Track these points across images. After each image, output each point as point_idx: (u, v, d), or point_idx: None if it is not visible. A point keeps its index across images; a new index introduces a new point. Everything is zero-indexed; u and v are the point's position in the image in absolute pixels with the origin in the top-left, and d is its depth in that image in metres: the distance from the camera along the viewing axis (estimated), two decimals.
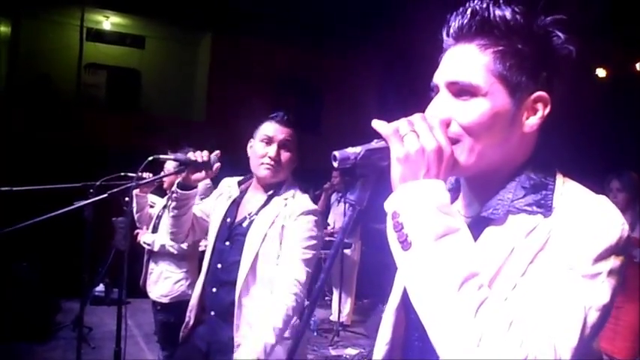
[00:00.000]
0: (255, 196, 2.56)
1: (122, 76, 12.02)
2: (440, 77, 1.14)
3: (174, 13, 10.81)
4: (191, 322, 2.54)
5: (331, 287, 7.67)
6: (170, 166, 4.40)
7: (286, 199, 2.46)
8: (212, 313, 2.47)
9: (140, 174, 2.62)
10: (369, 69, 12.29)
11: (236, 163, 2.84)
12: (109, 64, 12.11)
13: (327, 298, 8.29)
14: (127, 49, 12.28)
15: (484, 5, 1.09)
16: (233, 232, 2.49)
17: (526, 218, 1.06)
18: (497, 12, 1.08)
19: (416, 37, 9.71)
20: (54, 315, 6.19)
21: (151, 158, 2.39)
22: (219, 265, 2.48)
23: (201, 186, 3.06)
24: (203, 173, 2.49)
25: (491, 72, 1.08)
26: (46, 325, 5.95)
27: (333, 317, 6.73)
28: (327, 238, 7.05)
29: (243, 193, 2.62)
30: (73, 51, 10.91)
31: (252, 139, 2.57)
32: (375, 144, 1.11)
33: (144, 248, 4.43)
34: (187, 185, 2.48)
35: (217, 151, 2.54)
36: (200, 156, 2.43)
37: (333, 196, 7.51)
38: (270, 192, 2.50)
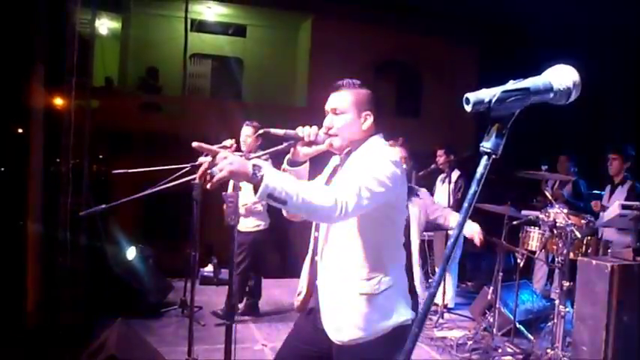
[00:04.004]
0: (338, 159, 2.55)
1: (226, 65, 12.36)
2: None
3: (274, 0, 10.96)
4: (304, 292, 2.59)
5: (434, 268, 7.56)
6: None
7: (365, 148, 2.40)
8: (317, 282, 2.52)
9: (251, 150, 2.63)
10: (467, 50, 11.99)
11: None
12: (213, 53, 12.49)
13: (430, 280, 8.19)
14: (230, 39, 12.59)
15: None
16: None
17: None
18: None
19: (514, 13, 9.41)
20: (166, 294, 6.46)
21: (261, 131, 2.37)
22: (316, 234, 2.52)
23: None
24: (313, 148, 2.40)
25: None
26: (160, 303, 6.23)
27: (437, 299, 6.61)
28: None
29: (338, 163, 2.55)
30: (178, 42, 11.31)
31: None
32: (511, 85, 1.04)
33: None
34: (296, 161, 2.42)
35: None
36: (308, 133, 2.33)
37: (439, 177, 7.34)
38: (347, 150, 2.44)
